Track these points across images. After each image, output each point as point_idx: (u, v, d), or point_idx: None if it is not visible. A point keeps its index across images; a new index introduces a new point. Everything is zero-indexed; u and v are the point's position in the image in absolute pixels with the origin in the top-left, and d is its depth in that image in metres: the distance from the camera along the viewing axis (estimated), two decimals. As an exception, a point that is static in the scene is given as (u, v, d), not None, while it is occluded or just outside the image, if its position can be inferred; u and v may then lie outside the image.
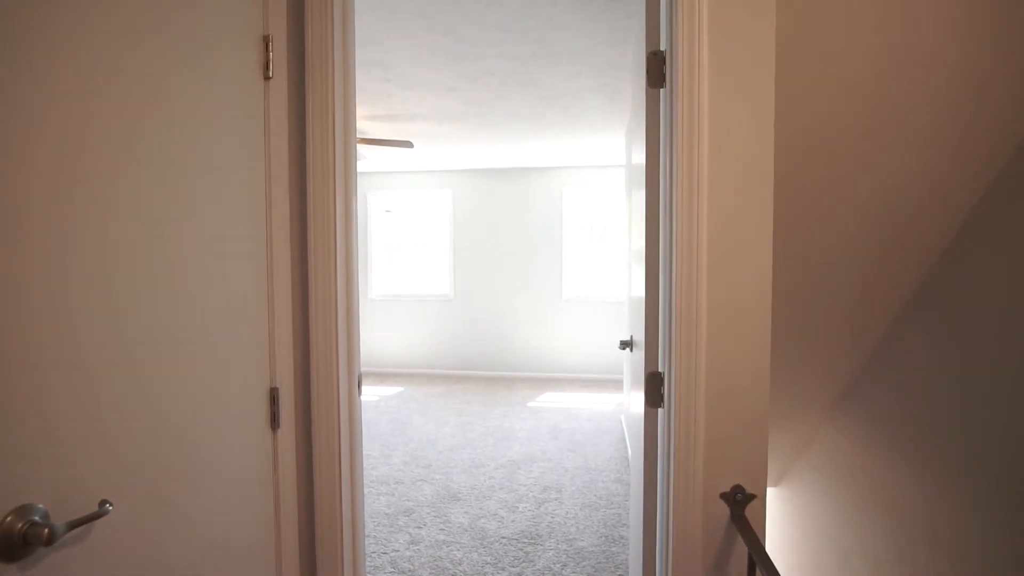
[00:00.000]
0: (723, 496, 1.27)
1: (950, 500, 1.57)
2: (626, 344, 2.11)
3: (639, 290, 1.84)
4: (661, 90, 1.45)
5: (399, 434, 4.38)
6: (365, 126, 4.11)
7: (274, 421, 1.29)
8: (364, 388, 5.87)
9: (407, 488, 3.34)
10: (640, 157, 1.95)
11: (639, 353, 1.87)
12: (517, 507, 3.09)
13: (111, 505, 0.81)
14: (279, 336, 1.30)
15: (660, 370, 1.46)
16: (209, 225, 1.09)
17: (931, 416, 1.65)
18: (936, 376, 1.63)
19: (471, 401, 5.38)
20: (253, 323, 1.23)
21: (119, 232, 0.87)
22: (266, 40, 1.27)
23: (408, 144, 4.14)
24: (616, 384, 5.98)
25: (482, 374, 6.49)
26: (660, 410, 1.45)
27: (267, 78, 1.27)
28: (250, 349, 1.22)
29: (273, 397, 1.28)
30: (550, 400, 5.43)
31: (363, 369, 6.74)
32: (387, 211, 6.86)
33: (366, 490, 3.32)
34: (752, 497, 1.25)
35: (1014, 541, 1.35)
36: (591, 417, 4.83)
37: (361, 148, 4.68)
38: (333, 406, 1.37)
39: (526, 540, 2.73)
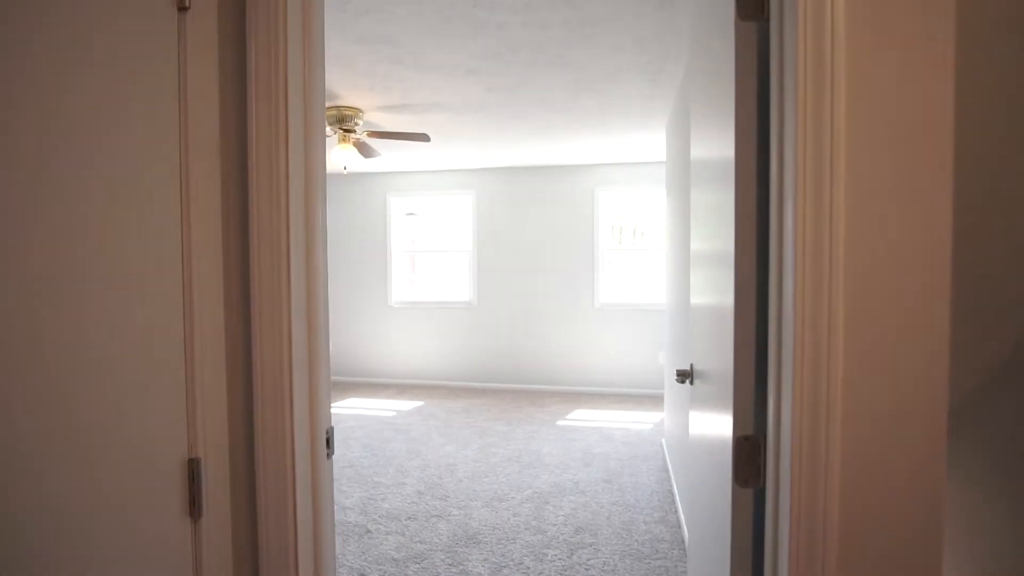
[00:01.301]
0: (871, 638, 0.81)
1: None
2: (685, 375, 1.66)
3: (708, 298, 1.38)
4: (757, 24, 1.01)
5: (415, 457, 3.99)
6: (377, 118, 3.74)
7: (194, 506, 0.89)
8: (380, 402, 5.50)
9: (420, 526, 2.93)
10: (703, 146, 1.50)
11: (704, 388, 1.41)
12: (545, 554, 2.65)
13: None
14: (202, 381, 0.90)
15: (755, 432, 1.01)
16: (78, 224, 0.70)
17: None
18: None
19: (495, 418, 4.95)
20: (157, 363, 0.83)
21: None
22: (182, -48, 0.88)
23: (425, 137, 3.76)
24: (654, 400, 5.47)
25: (507, 387, 6.06)
26: (751, 490, 1.01)
27: (183, 8, 0.87)
28: (152, 402, 0.82)
29: (192, 472, 0.88)
30: (582, 418, 4.96)
31: (380, 380, 6.38)
32: (409, 214, 6.51)
33: (373, 527, 2.92)
34: (922, 646, 0.79)
35: None
36: (627, 439, 4.35)
37: (375, 144, 4.32)
38: (286, 478, 0.96)
39: (557, 600, 2.29)
